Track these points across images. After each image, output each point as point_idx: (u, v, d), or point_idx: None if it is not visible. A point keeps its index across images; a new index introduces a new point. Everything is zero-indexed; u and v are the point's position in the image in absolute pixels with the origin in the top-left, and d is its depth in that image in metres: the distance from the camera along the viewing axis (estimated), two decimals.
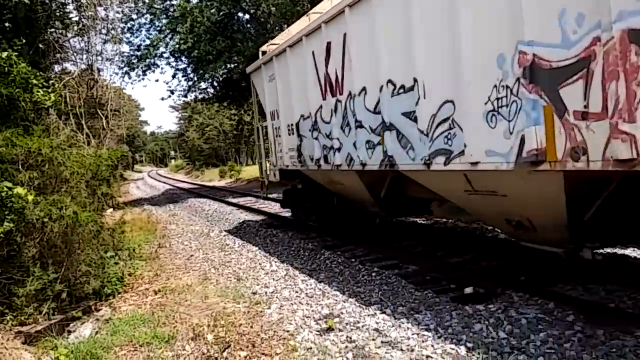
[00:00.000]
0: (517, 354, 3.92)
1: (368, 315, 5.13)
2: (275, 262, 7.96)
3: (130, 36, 25.60)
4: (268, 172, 10.74)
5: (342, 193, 8.72)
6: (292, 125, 8.84)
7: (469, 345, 4.19)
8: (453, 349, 4.15)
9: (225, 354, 4.48)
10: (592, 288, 5.24)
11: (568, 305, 4.75)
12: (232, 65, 23.07)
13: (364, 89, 6.42)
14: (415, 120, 5.41)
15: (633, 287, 5.04)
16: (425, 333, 4.54)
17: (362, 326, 4.87)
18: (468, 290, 5.53)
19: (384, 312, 5.18)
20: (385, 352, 4.24)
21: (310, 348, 4.48)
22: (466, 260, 6.87)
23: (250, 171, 37.59)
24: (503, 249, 7.05)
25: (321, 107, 7.63)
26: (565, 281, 5.50)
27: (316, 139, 7.90)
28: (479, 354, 4.00)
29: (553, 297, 4.97)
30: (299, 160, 8.74)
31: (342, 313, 5.30)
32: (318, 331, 4.87)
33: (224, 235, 10.96)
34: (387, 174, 6.78)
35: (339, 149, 7.21)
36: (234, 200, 18.50)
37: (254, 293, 6.31)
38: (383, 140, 6.05)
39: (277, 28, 21.15)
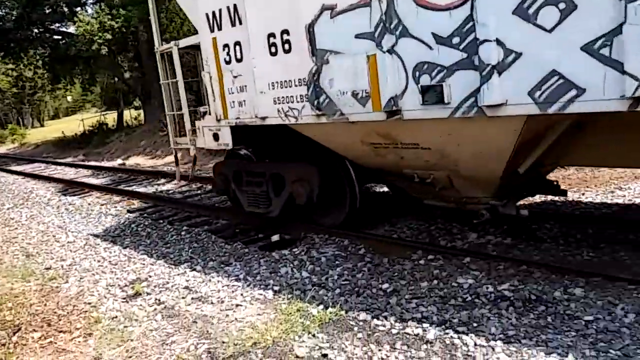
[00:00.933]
0: (318, 290, 4.29)
1: (178, 275, 5.06)
2: (72, 232, 7.27)
3: None
4: (197, 134, 6.22)
5: (396, 170, 4.94)
6: (284, 33, 4.66)
7: (276, 288, 4.44)
8: (261, 294, 4.36)
9: (15, 338, 4.01)
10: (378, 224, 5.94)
11: (360, 241, 5.32)
12: (4, 12, 19.66)
13: None
14: None
15: (410, 219, 5.85)
16: (235, 283, 4.66)
17: (172, 286, 4.79)
18: (275, 237, 5.82)
19: (194, 269, 5.16)
20: (196, 308, 4.26)
21: (116, 317, 4.27)
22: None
23: (36, 134, 33.27)
24: None
25: None
26: None
27: (392, 52, 3.92)
28: (284, 295, 4.27)
29: (348, 236, 5.51)
30: (314, 105, 4.58)
31: (150, 276, 5.13)
32: (124, 298, 4.65)
33: (8, 209, 9.59)
34: (556, 122, 3.76)
35: (500, 68, 3.36)
36: (19, 168, 16.24)
37: (48, 268, 5.71)
38: None
39: None
